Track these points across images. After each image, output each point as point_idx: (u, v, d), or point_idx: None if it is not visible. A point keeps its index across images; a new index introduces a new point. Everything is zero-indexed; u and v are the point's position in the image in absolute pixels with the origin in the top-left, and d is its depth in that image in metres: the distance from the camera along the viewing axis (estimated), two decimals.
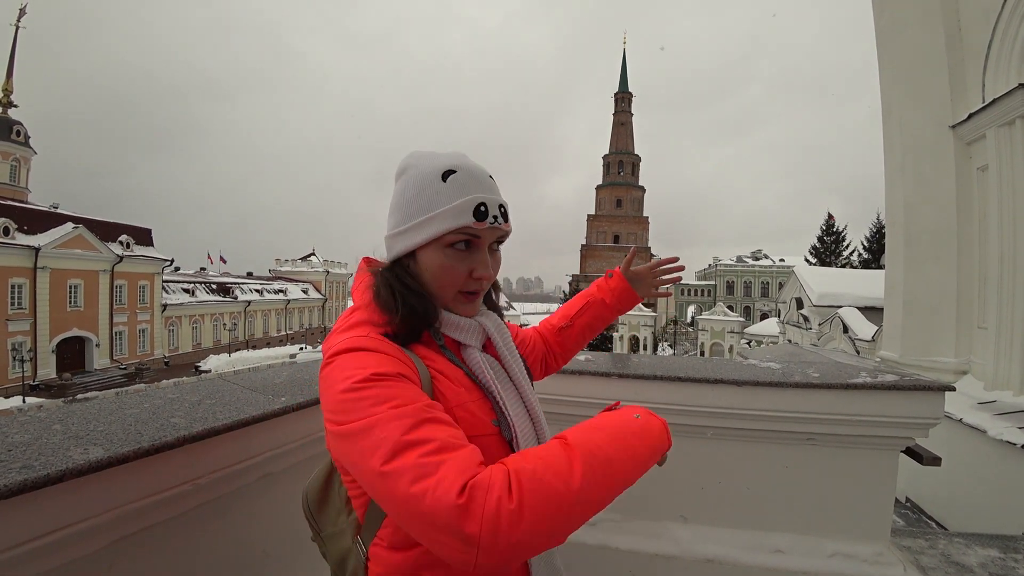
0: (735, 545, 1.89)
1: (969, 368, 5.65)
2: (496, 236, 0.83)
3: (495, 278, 0.89)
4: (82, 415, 1.12)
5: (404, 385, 0.66)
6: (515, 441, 0.80)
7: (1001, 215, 5.14)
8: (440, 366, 0.79)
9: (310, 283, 57.93)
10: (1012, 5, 4.94)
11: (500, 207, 0.81)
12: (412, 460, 0.57)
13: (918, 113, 6.13)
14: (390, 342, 0.74)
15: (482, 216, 0.78)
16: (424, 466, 0.56)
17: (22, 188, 33.21)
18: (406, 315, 0.77)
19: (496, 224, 0.80)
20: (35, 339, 27.87)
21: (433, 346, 0.82)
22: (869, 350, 10.59)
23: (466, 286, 0.82)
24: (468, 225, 0.77)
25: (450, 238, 0.78)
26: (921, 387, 1.75)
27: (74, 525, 0.90)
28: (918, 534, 2.16)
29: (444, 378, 0.77)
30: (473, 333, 0.86)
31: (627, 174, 63.72)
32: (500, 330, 0.91)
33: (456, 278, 0.81)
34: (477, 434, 0.74)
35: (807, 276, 19.23)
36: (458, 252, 0.80)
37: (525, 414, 0.86)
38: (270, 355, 36.28)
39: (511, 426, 0.80)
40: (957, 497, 4.75)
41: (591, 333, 1.26)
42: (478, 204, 0.78)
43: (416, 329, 0.80)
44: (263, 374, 1.71)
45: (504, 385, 0.86)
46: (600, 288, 1.26)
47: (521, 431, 0.82)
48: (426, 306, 0.80)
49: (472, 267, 0.81)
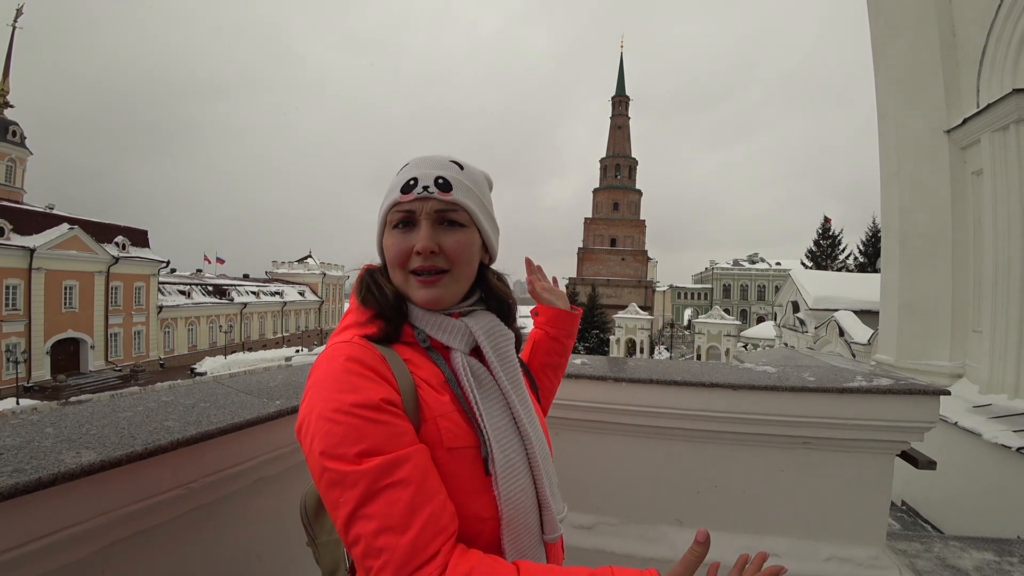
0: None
1: (964, 371, 5.67)
2: (433, 208, 0.78)
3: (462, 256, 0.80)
4: (75, 418, 1.12)
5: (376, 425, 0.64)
6: (491, 459, 0.73)
7: (996, 219, 5.18)
8: (425, 372, 0.76)
9: (307, 285, 57.78)
10: (1006, 11, 4.99)
11: (437, 179, 0.79)
12: (365, 533, 0.60)
13: (913, 118, 6.18)
14: (373, 349, 0.73)
15: (408, 189, 0.78)
16: (369, 547, 0.60)
17: (17, 189, 33.03)
18: (377, 310, 0.79)
19: (426, 194, 0.77)
20: (30, 340, 27.69)
21: (420, 349, 0.80)
22: (865, 353, 10.62)
23: (410, 263, 0.78)
24: (396, 200, 0.78)
25: (391, 218, 0.79)
26: (916, 391, 1.76)
27: (66, 529, 0.90)
28: (914, 538, 2.16)
29: (427, 386, 0.75)
30: (457, 335, 0.81)
31: (624, 177, 63.84)
32: (492, 333, 0.85)
33: (399, 256, 0.78)
34: (458, 446, 0.72)
35: (803, 280, 19.28)
36: (399, 231, 0.79)
37: (512, 428, 0.79)
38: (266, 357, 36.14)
39: (487, 442, 0.74)
40: (952, 500, 4.76)
41: (553, 371, 1.19)
42: (408, 179, 0.79)
43: (391, 323, 0.78)
44: (258, 377, 1.70)
45: (487, 394, 0.79)
46: (537, 326, 1.22)
47: (500, 447, 0.75)
48: (390, 299, 0.79)
49: (412, 243, 0.78)
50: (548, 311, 1.19)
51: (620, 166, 64.11)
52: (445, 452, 0.70)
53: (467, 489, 0.71)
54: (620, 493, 2.01)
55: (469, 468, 0.72)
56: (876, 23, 6.82)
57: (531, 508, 0.76)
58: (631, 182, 64.51)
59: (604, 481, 2.02)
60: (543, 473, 0.79)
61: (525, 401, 0.84)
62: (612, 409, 1.94)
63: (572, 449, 1.98)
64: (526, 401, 0.84)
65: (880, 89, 6.84)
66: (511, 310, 0.92)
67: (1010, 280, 4.98)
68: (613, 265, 61.37)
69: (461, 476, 0.71)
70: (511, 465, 0.75)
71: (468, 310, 0.85)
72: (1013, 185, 4.99)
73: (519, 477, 0.75)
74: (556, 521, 0.79)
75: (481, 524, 0.71)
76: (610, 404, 1.93)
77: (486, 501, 0.72)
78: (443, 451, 0.70)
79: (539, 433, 0.84)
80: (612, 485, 2.02)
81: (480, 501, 0.71)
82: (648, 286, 61.05)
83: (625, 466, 2.00)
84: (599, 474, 2.02)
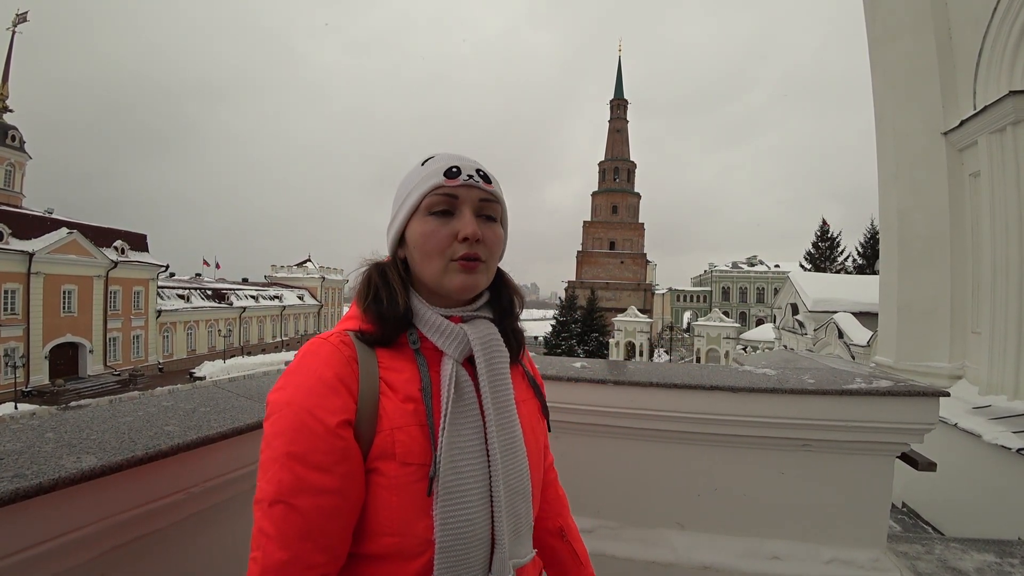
0: (731, 552, 1.89)
1: (963, 373, 5.67)
2: (478, 198, 0.77)
3: (496, 249, 0.79)
4: (76, 423, 1.12)
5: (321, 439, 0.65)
6: (436, 481, 0.68)
7: (993, 221, 5.19)
8: (398, 378, 0.73)
9: (306, 289, 57.70)
10: (1002, 13, 5.01)
11: (478, 171, 0.77)
12: (255, 534, 0.65)
13: (911, 120, 6.19)
14: (347, 350, 0.72)
15: (454, 175, 0.75)
16: (253, 557, 0.64)
17: (16, 193, 33.04)
18: (373, 307, 0.76)
19: (472, 182, 0.76)
20: (28, 345, 27.60)
21: (407, 351, 0.77)
22: (864, 355, 10.63)
23: (455, 251, 0.75)
24: (440, 184, 0.75)
25: (428, 203, 0.76)
26: (916, 393, 1.76)
27: (66, 535, 0.90)
28: (914, 540, 2.16)
29: (393, 394, 0.72)
30: (454, 340, 0.76)
31: (623, 180, 63.91)
32: (489, 346, 0.79)
33: (440, 242, 0.75)
34: (412, 462, 0.69)
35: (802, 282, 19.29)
36: (438, 217, 0.75)
37: (478, 451, 0.73)
38: (265, 361, 36.06)
39: (437, 461, 0.69)
40: (953, 502, 4.76)
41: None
42: (450, 166, 0.76)
43: (384, 325, 0.75)
44: (258, 382, 1.70)
45: (463, 410, 0.74)
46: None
47: (455, 469, 0.70)
48: (394, 301, 0.76)
49: (456, 229, 0.74)
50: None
51: (619, 169, 64.20)
52: (398, 466, 0.68)
53: (414, 506, 0.68)
54: (620, 496, 2.00)
55: (420, 485, 0.69)
56: (873, 25, 6.85)
57: (477, 542, 0.70)
58: (630, 185, 64.59)
59: (604, 484, 2.01)
60: (503, 508, 0.73)
61: (508, 426, 0.77)
62: (612, 412, 1.94)
63: (571, 453, 1.98)
64: (509, 427, 0.77)
65: (877, 91, 6.86)
66: (517, 307, 0.89)
67: (1009, 281, 4.99)
68: (612, 268, 61.36)
69: (410, 492, 0.69)
70: (459, 491, 0.70)
71: (470, 315, 0.81)
72: (1011, 186, 5.00)
73: (466, 506, 0.70)
74: (507, 563, 0.72)
75: (425, 546, 0.68)
76: (609, 407, 1.93)
77: (431, 523, 0.68)
78: (396, 464, 0.68)
79: (516, 464, 0.77)
80: (612, 488, 2.01)
81: (427, 521, 0.68)
82: (647, 289, 61.03)
83: (625, 469, 2.00)
84: (599, 477, 2.01)
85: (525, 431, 0.81)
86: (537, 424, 0.88)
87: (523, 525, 0.78)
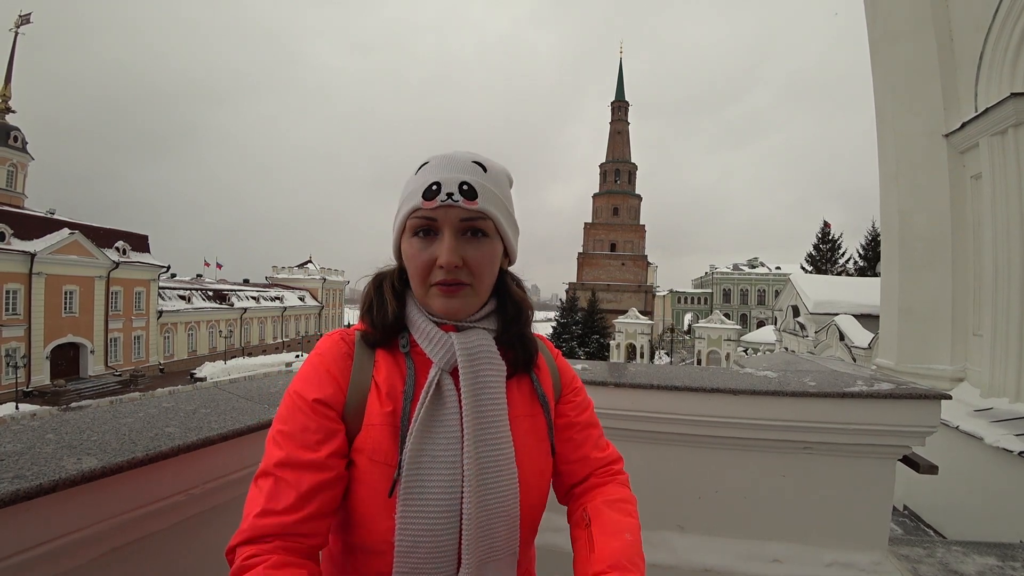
0: (732, 555, 1.88)
1: (965, 375, 5.67)
2: (459, 217, 0.73)
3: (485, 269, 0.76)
4: (76, 424, 1.12)
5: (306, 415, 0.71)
6: (399, 483, 0.68)
7: (995, 223, 5.18)
8: (390, 378, 0.75)
9: (307, 290, 57.73)
10: (1003, 15, 5.01)
11: (461, 185, 0.72)
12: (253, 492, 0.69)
13: (912, 122, 6.19)
14: (347, 346, 0.78)
15: (431, 195, 0.72)
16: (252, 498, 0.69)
17: (19, 194, 33.10)
18: (367, 316, 0.81)
19: (450, 201, 0.71)
20: (29, 345, 27.65)
21: (400, 355, 0.78)
22: (865, 357, 10.61)
23: (432, 277, 0.74)
24: (417, 206, 0.73)
25: (411, 224, 0.75)
26: (917, 395, 1.76)
27: (67, 536, 0.90)
28: (916, 542, 2.15)
29: (379, 393, 0.74)
30: (439, 349, 0.76)
31: (624, 182, 63.96)
32: (475, 355, 0.76)
33: (420, 267, 0.74)
34: (379, 460, 0.70)
35: (803, 284, 19.28)
36: (420, 239, 0.74)
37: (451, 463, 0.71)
38: (266, 362, 36.11)
39: (402, 464, 0.68)
40: (954, 505, 4.75)
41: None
42: (430, 184, 0.73)
43: (380, 329, 0.79)
44: (258, 383, 1.70)
45: (441, 419, 0.72)
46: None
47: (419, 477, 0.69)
48: (384, 311, 0.79)
49: (435, 254, 0.73)
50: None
51: (620, 171, 64.24)
52: (367, 461, 0.71)
53: (378, 504, 0.70)
54: None
55: (385, 485, 0.69)
56: (874, 27, 6.86)
57: (440, 555, 0.68)
58: (631, 187, 64.62)
59: None
60: (473, 526, 0.69)
61: (492, 442, 0.74)
62: (612, 414, 1.93)
63: None
64: (494, 442, 0.74)
65: (879, 93, 6.86)
66: (526, 317, 0.85)
67: (1010, 283, 4.98)
68: (613, 270, 61.36)
69: (376, 490, 0.70)
70: (420, 499, 0.68)
71: (466, 326, 0.79)
72: (1012, 188, 5.00)
73: (426, 516, 0.68)
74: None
75: (387, 546, 0.68)
76: (610, 409, 1.93)
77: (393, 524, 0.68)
78: (366, 459, 0.71)
79: (499, 483, 0.73)
80: None
81: (389, 523, 0.68)
82: (648, 291, 61.02)
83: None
84: None
85: (520, 450, 0.77)
86: (539, 443, 0.81)
87: (501, 550, 0.73)
